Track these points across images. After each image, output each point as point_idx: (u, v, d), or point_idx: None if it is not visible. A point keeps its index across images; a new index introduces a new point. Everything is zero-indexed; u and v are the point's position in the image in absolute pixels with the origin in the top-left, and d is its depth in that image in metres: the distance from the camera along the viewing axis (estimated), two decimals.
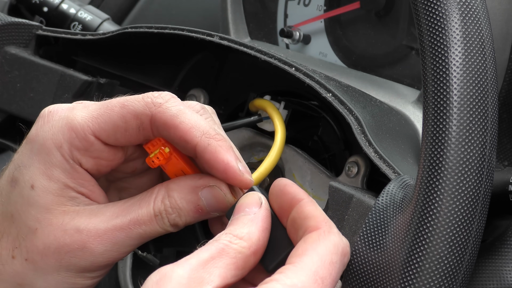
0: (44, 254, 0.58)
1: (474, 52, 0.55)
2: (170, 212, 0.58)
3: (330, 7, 0.90)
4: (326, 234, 0.53)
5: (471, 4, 0.56)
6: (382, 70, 0.85)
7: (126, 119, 0.57)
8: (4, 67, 0.81)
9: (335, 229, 0.54)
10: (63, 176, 0.58)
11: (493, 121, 0.55)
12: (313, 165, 0.73)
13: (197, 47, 0.83)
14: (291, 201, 0.55)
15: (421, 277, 0.52)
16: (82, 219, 0.58)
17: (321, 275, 0.51)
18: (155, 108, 0.57)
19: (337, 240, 0.53)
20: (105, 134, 0.58)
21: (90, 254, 0.57)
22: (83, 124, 0.58)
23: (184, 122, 0.57)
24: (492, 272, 0.57)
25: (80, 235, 0.57)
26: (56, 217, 0.58)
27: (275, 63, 0.71)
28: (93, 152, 0.58)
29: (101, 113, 0.58)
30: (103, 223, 0.58)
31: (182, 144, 0.57)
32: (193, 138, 0.57)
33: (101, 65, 0.85)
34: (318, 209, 0.55)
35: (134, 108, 0.57)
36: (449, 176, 0.53)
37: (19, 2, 1.00)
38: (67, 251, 0.57)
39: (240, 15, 0.98)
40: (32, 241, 0.58)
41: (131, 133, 0.58)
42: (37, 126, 0.59)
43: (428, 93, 0.55)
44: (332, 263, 0.52)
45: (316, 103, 0.78)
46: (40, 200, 0.58)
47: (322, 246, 0.52)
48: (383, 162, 0.63)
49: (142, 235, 0.58)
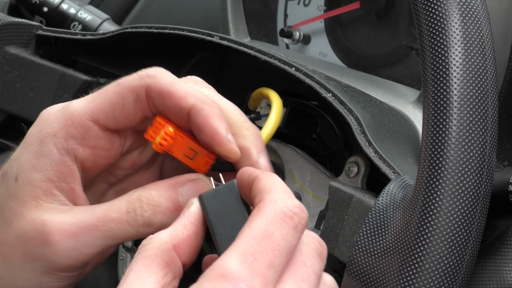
0: (12, 247, 0.57)
1: (474, 52, 0.55)
2: (145, 209, 0.56)
3: (330, 7, 0.90)
4: (266, 205, 0.50)
5: (471, 4, 0.56)
6: (382, 70, 0.85)
7: (122, 94, 0.56)
8: (4, 67, 0.81)
9: (280, 196, 0.51)
10: (48, 167, 0.57)
11: (493, 121, 0.55)
12: (313, 165, 0.73)
13: (197, 47, 0.83)
14: (248, 185, 0.53)
15: (421, 277, 0.52)
16: (51, 214, 0.56)
17: (252, 252, 0.48)
18: (150, 79, 0.56)
19: (278, 207, 0.50)
20: (103, 115, 0.57)
21: (52, 250, 0.56)
22: (79, 110, 0.57)
23: (179, 89, 0.56)
24: (492, 272, 0.57)
25: (45, 228, 0.56)
26: (29, 211, 0.56)
27: (275, 63, 0.71)
28: (90, 140, 0.57)
29: (97, 96, 0.57)
30: (69, 219, 0.56)
31: (177, 111, 0.56)
32: (188, 103, 0.56)
33: (101, 65, 0.85)
34: (268, 181, 0.52)
35: (129, 83, 0.57)
36: (449, 176, 0.53)
37: (19, 2, 1.00)
38: (32, 245, 0.56)
39: (240, 15, 0.98)
40: (6, 233, 0.57)
41: (128, 109, 0.57)
42: (36, 121, 0.59)
43: (428, 93, 0.55)
44: (267, 235, 0.49)
45: (316, 103, 0.78)
46: (19, 192, 0.57)
47: (258, 220, 0.49)
48: (383, 162, 0.63)
49: (108, 233, 0.56)
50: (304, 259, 0.51)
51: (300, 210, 0.50)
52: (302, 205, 0.51)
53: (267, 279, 0.48)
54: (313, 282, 0.51)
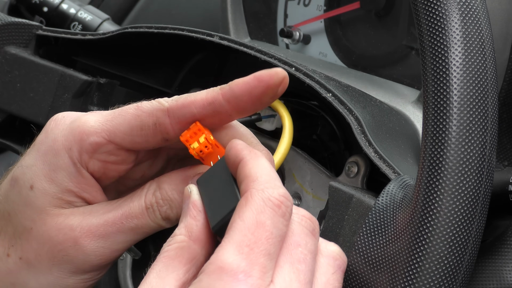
0: (37, 253, 0.58)
1: (474, 52, 0.55)
2: (161, 204, 0.58)
3: (330, 7, 0.90)
4: (253, 195, 0.51)
5: (471, 4, 0.56)
6: (382, 70, 0.85)
7: (141, 118, 0.57)
8: (4, 67, 0.81)
9: (266, 184, 0.51)
10: (66, 180, 0.58)
11: (493, 121, 0.55)
12: (313, 165, 0.73)
13: (197, 47, 0.83)
14: (234, 164, 0.54)
15: (421, 277, 0.52)
16: (76, 218, 0.57)
17: (247, 243, 0.49)
18: (170, 101, 0.57)
19: (265, 196, 0.51)
20: (120, 136, 0.57)
21: (82, 251, 0.57)
22: (96, 128, 0.57)
23: (198, 94, 0.56)
24: (492, 272, 0.57)
25: (73, 232, 0.57)
26: (51, 217, 0.57)
27: (275, 63, 0.71)
28: (102, 155, 0.58)
29: (115, 115, 0.57)
30: (95, 219, 0.57)
31: (205, 111, 0.56)
32: (214, 96, 0.56)
33: (101, 65, 0.85)
34: (254, 166, 0.53)
35: (148, 107, 0.57)
36: (449, 176, 0.53)
37: (19, 2, 1.00)
38: (60, 249, 0.57)
39: (240, 15, 0.98)
40: (27, 240, 0.58)
41: (147, 131, 0.57)
42: (47, 128, 0.59)
43: (428, 93, 0.55)
44: (259, 225, 0.50)
45: (316, 103, 0.78)
46: (37, 201, 0.58)
47: (248, 211, 0.50)
48: (383, 162, 0.63)
49: (134, 229, 0.58)
50: (298, 239, 0.52)
51: (286, 198, 0.51)
52: (287, 192, 0.52)
53: (265, 267, 0.49)
54: (309, 261, 0.52)
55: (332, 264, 0.55)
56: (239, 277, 0.48)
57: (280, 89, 0.55)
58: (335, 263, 0.55)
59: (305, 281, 0.51)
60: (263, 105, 0.56)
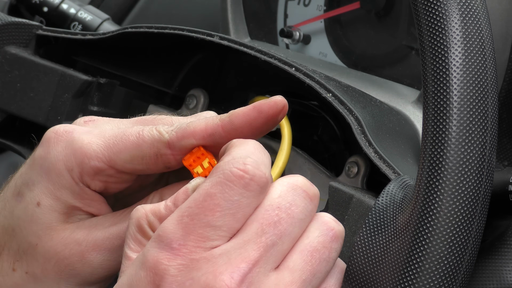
0: (44, 268, 0.58)
1: (474, 52, 0.55)
2: None
3: (330, 7, 0.90)
4: (216, 168, 0.51)
5: (471, 4, 0.56)
6: (382, 70, 0.85)
7: (142, 148, 0.57)
8: (4, 67, 0.81)
9: (234, 155, 0.51)
10: (70, 197, 0.58)
11: (493, 121, 0.55)
12: (313, 165, 0.73)
13: (197, 47, 0.83)
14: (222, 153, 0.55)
15: (421, 277, 0.52)
16: (82, 232, 0.58)
17: (188, 213, 0.50)
18: (170, 132, 0.57)
19: (227, 168, 0.50)
20: (121, 163, 0.58)
21: (89, 265, 0.58)
22: (98, 152, 0.57)
23: (198, 124, 0.57)
24: (492, 272, 0.57)
25: (80, 247, 0.58)
26: (57, 232, 0.58)
27: (275, 63, 0.71)
28: (103, 177, 0.58)
29: (117, 141, 0.58)
30: (101, 233, 0.58)
31: (206, 142, 0.57)
32: (214, 128, 0.56)
33: (101, 65, 0.85)
34: (232, 142, 0.53)
35: (149, 138, 0.57)
36: (449, 176, 0.53)
37: (19, 2, 1.00)
38: (67, 264, 0.58)
39: (240, 15, 0.98)
40: (33, 255, 0.58)
41: (148, 161, 0.57)
42: (48, 142, 0.59)
43: (428, 93, 0.55)
44: (207, 196, 0.50)
45: (316, 103, 0.78)
46: (43, 217, 0.58)
47: (204, 184, 0.51)
48: (383, 162, 0.63)
49: None
50: (279, 201, 0.51)
51: (253, 167, 0.50)
52: (260, 162, 0.51)
53: (204, 237, 0.49)
54: (284, 224, 0.50)
55: (320, 228, 0.53)
56: (173, 245, 0.49)
57: (280, 117, 0.56)
58: (323, 227, 0.53)
59: (267, 244, 0.50)
60: (263, 134, 0.57)
